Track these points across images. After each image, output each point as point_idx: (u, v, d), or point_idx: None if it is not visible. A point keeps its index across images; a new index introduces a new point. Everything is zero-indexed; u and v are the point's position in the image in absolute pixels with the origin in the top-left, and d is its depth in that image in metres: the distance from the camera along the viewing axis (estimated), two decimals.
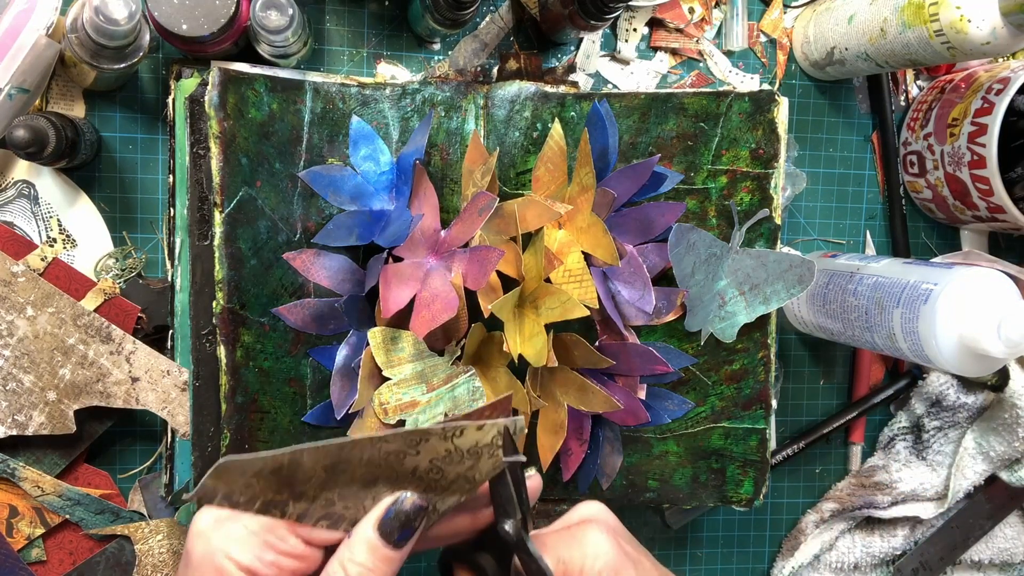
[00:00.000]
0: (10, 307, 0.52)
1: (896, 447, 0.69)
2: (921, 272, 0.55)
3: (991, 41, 0.51)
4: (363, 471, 0.35)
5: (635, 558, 0.40)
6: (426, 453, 0.35)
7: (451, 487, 0.36)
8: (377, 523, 0.35)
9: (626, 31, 0.63)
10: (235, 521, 0.34)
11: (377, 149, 0.54)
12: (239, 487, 0.33)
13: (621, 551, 0.39)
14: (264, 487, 0.34)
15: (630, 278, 0.56)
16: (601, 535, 0.39)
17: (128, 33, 0.48)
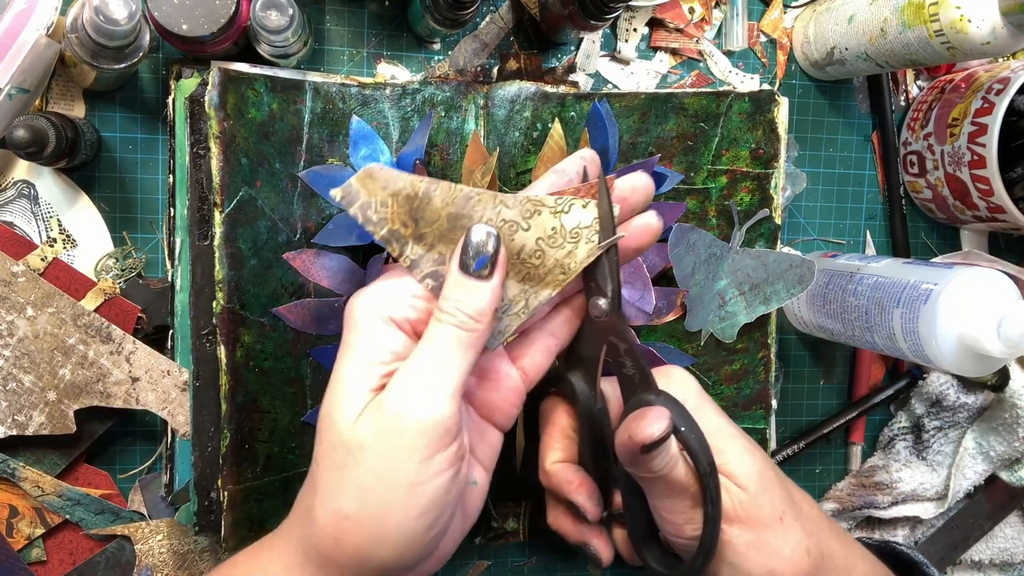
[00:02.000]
0: (10, 307, 0.52)
1: (896, 447, 0.69)
2: (921, 272, 0.55)
3: (991, 41, 0.51)
4: None
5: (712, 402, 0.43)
6: (535, 229, 0.37)
7: (547, 277, 0.38)
8: (457, 258, 0.37)
9: (626, 31, 0.63)
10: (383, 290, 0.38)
11: (377, 149, 0.54)
12: (377, 201, 0.36)
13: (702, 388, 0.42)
14: (396, 211, 0.36)
15: (630, 278, 0.56)
16: (685, 373, 0.43)
17: (128, 33, 0.48)
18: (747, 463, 0.39)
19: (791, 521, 0.39)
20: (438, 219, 0.36)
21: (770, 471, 0.40)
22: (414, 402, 0.35)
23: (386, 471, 0.34)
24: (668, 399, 0.39)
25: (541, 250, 0.37)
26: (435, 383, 0.35)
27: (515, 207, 0.36)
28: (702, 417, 0.40)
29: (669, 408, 0.38)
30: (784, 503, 0.40)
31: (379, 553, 0.35)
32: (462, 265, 0.37)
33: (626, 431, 0.37)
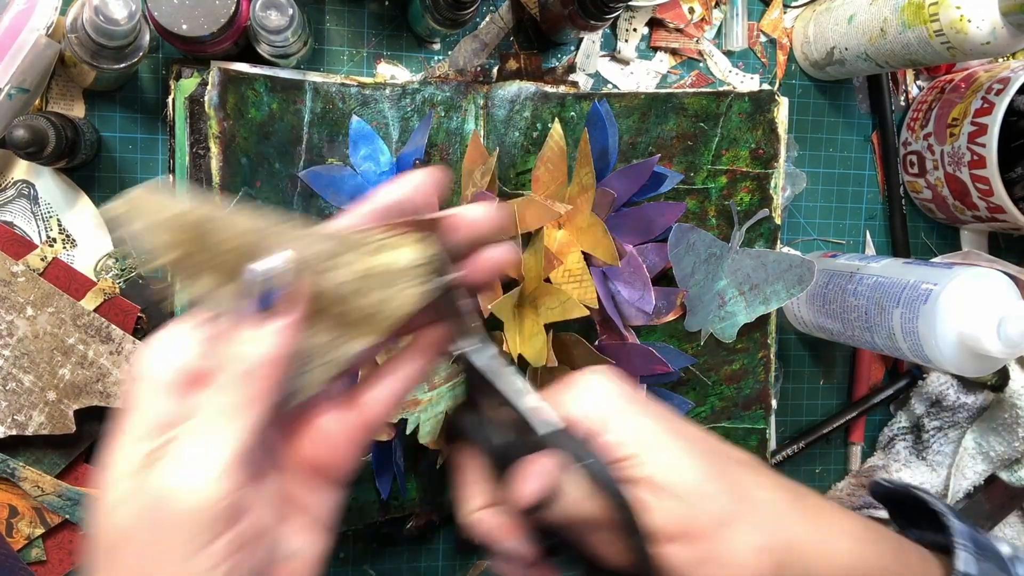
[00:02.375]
0: (10, 307, 0.52)
1: (896, 447, 0.69)
2: (921, 272, 0.55)
3: (991, 41, 0.51)
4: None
5: (641, 399, 0.36)
6: (353, 267, 0.31)
7: (367, 322, 0.32)
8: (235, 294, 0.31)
9: (626, 31, 0.63)
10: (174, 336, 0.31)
11: (377, 149, 0.54)
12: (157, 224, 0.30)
13: (622, 389, 0.36)
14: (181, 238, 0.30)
15: (630, 278, 0.56)
16: (598, 376, 0.36)
17: (128, 33, 0.48)
18: (681, 468, 0.34)
19: (739, 522, 0.35)
20: (231, 249, 0.30)
21: (710, 469, 0.35)
22: (175, 483, 0.28)
23: (145, 570, 0.28)
24: (557, 435, 0.34)
25: (359, 291, 0.32)
26: (202, 458, 0.29)
27: (329, 241, 0.31)
28: (622, 425, 0.35)
29: (559, 446, 0.33)
30: (729, 502, 0.35)
31: None
32: (242, 303, 0.30)
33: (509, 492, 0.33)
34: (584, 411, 0.35)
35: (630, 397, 0.36)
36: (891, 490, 0.45)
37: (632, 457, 0.34)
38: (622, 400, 0.36)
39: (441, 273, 0.32)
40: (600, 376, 0.36)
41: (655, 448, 0.34)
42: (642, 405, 0.36)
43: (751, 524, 0.35)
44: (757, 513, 0.35)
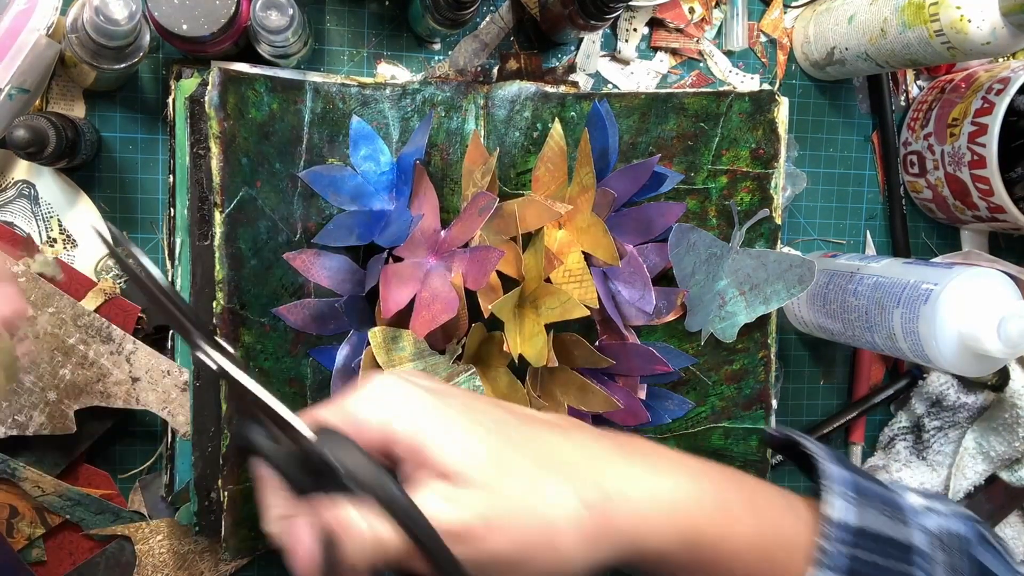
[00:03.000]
0: None
1: (896, 447, 0.69)
2: (921, 272, 0.55)
3: (991, 41, 0.51)
4: None
5: (439, 390, 0.34)
6: None
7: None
8: None
9: (626, 31, 0.63)
10: None
11: (377, 149, 0.54)
12: None
13: (418, 388, 0.33)
14: None
15: (630, 278, 0.56)
16: (388, 378, 0.33)
17: (128, 33, 0.48)
18: (467, 448, 0.31)
19: (547, 486, 0.32)
20: None
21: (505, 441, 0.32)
22: None
23: None
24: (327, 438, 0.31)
25: None
26: None
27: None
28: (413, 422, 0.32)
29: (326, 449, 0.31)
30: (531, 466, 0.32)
31: None
32: None
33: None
34: (368, 415, 0.32)
35: (415, 391, 0.33)
36: (779, 439, 0.43)
37: (420, 449, 0.31)
38: (407, 397, 0.33)
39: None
40: (385, 377, 0.34)
41: (441, 430, 0.32)
42: (430, 394, 0.33)
43: (561, 485, 0.32)
44: (564, 472, 0.33)
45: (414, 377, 0.35)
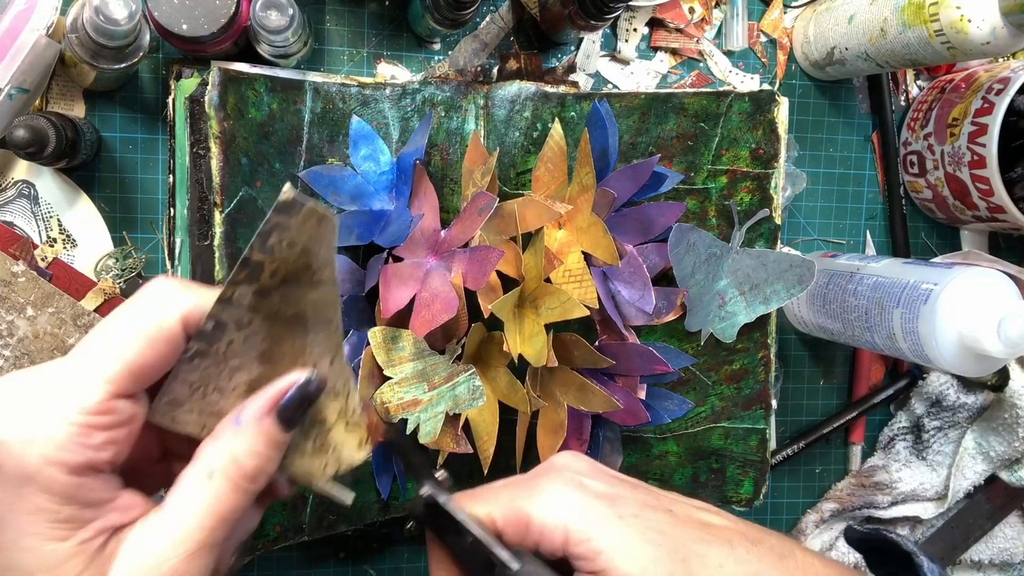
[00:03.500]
0: (10, 307, 0.52)
1: (896, 447, 0.69)
2: (921, 272, 0.55)
3: (991, 41, 0.51)
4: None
5: (611, 495, 0.36)
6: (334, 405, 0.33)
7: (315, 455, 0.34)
8: (273, 407, 0.31)
9: (626, 31, 0.63)
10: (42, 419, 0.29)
11: (377, 149, 0.54)
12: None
13: (589, 495, 0.35)
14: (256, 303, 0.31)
15: (630, 278, 0.56)
16: (562, 484, 0.36)
17: (128, 33, 0.48)
18: (633, 560, 0.34)
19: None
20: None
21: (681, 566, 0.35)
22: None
23: None
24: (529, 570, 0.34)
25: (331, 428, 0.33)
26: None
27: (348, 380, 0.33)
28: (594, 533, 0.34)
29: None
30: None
31: None
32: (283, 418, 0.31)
33: None
34: (544, 517, 0.35)
35: (594, 492, 0.36)
36: (864, 535, 0.45)
37: (603, 571, 0.34)
38: (586, 504, 0.35)
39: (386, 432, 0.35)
40: (561, 480, 0.36)
41: (623, 557, 0.34)
42: (604, 503, 0.36)
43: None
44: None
45: (587, 479, 0.37)
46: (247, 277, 0.30)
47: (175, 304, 0.30)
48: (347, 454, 0.34)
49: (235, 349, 0.31)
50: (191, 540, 0.30)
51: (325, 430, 0.34)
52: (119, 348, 0.29)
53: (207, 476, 0.30)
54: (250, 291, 0.30)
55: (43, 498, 0.28)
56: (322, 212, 0.30)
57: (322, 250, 0.31)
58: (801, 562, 0.38)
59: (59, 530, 0.29)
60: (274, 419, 0.31)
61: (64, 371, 0.29)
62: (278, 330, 0.32)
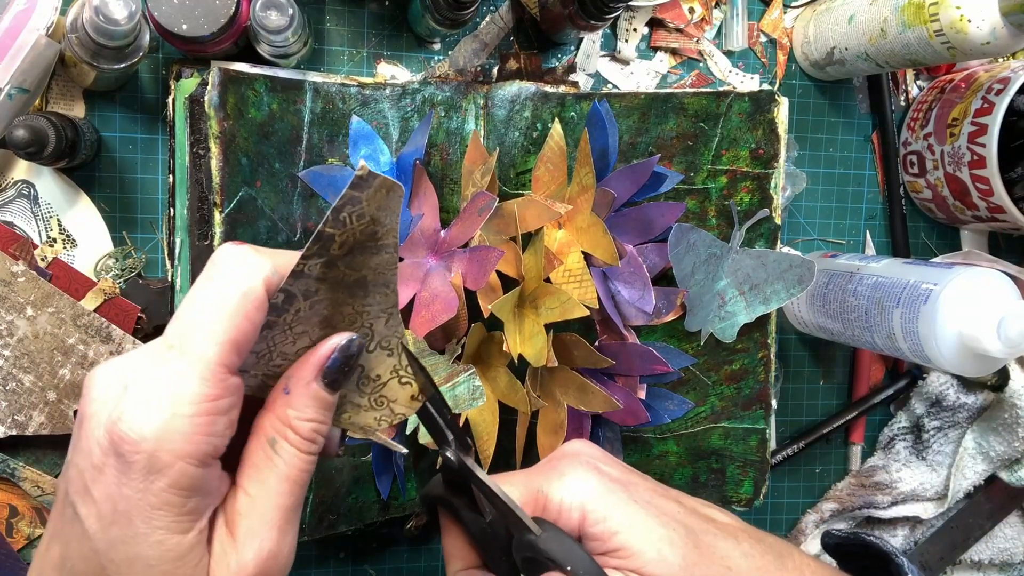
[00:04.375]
0: (10, 307, 0.52)
1: (896, 447, 0.69)
2: (921, 272, 0.55)
3: (991, 41, 0.51)
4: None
5: (624, 480, 0.38)
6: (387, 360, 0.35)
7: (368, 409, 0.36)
8: (320, 372, 0.32)
9: (626, 31, 0.63)
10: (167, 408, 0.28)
11: (377, 149, 0.54)
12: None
13: (605, 478, 0.37)
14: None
15: (630, 278, 0.56)
16: (581, 467, 0.37)
17: (128, 33, 0.48)
18: (665, 557, 0.35)
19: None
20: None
21: (694, 551, 0.36)
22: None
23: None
24: (551, 535, 0.35)
25: (381, 383, 0.35)
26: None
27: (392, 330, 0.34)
28: (610, 514, 0.36)
29: (551, 547, 0.34)
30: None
31: None
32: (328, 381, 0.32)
33: None
34: (562, 496, 0.36)
35: (615, 479, 0.37)
36: (841, 539, 0.46)
37: (620, 549, 0.35)
38: (606, 487, 0.37)
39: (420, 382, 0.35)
40: (578, 464, 0.38)
41: (642, 534, 0.35)
42: (627, 487, 0.37)
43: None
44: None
45: (602, 465, 0.38)
46: (318, 251, 0.31)
47: (257, 270, 0.30)
48: (400, 407, 0.35)
49: (300, 317, 0.32)
50: (276, 511, 0.31)
51: (380, 385, 0.35)
52: (219, 325, 0.29)
53: (270, 447, 0.31)
54: (319, 263, 0.31)
55: (172, 492, 0.28)
56: (392, 182, 0.31)
57: (388, 218, 0.32)
58: (798, 563, 0.39)
59: (184, 522, 0.29)
60: (320, 383, 0.32)
61: (172, 359, 0.29)
62: (341, 296, 0.33)
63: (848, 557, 0.46)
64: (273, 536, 0.31)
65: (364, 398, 0.35)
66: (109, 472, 0.28)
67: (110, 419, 0.28)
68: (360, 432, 0.35)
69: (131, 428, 0.28)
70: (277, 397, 0.32)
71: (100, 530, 0.29)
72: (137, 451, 0.28)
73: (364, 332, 0.34)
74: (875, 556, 0.43)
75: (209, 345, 0.29)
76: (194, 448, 0.28)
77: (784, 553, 0.39)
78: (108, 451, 0.28)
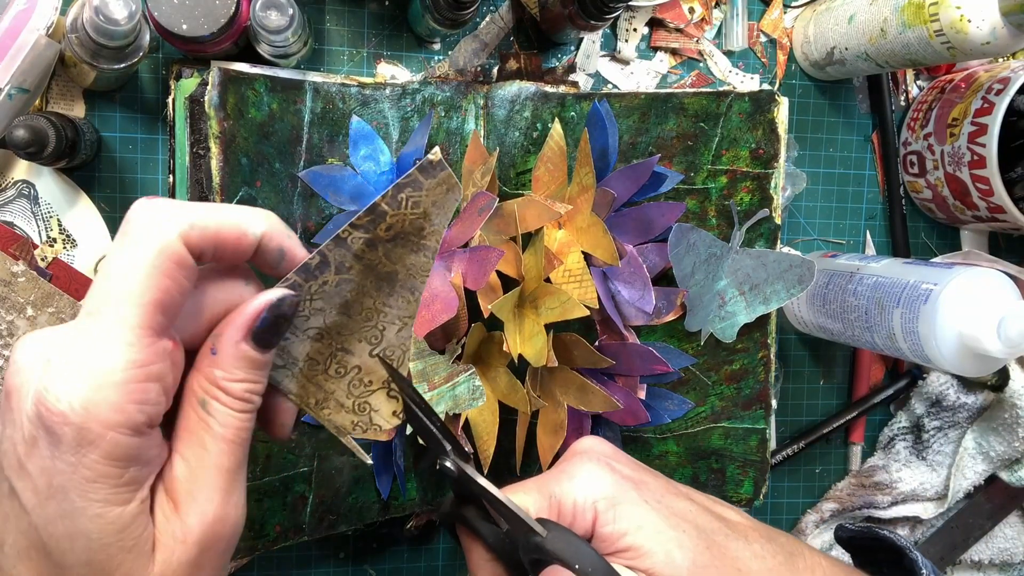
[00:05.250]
0: (10, 307, 0.52)
1: (896, 447, 0.69)
2: (921, 272, 0.55)
3: (991, 41, 0.51)
4: None
5: (636, 479, 0.37)
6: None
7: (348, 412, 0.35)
8: (248, 332, 0.30)
9: (626, 31, 0.63)
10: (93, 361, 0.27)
11: (377, 149, 0.54)
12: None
13: (617, 476, 0.37)
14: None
15: (630, 278, 0.56)
16: (592, 464, 0.37)
17: (128, 33, 0.48)
18: (673, 559, 0.35)
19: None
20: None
21: (704, 552, 0.35)
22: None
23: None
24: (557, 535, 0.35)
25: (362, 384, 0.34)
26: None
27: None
28: (621, 514, 0.35)
29: (558, 547, 0.34)
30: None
31: None
32: (258, 340, 0.31)
33: None
34: (575, 497, 0.36)
35: (627, 477, 0.37)
36: (855, 533, 0.46)
37: (630, 550, 0.35)
38: (617, 486, 0.36)
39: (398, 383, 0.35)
40: (589, 461, 0.37)
41: (652, 537, 0.35)
42: (639, 486, 0.37)
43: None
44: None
45: (614, 462, 0.38)
46: (367, 224, 0.31)
47: (173, 223, 0.29)
48: (379, 420, 0.35)
49: (325, 291, 0.32)
50: (216, 473, 0.30)
51: (368, 391, 0.34)
52: (137, 288, 0.28)
53: (202, 408, 0.30)
54: (363, 238, 0.31)
55: (106, 463, 0.27)
56: (455, 182, 0.31)
57: (438, 217, 0.32)
58: (810, 561, 0.38)
59: (122, 493, 0.28)
60: (249, 342, 0.30)
61: (92, 327, 0.28)
62: (368, 284, 0.33)
63: (861, 551, 0.45)
64: (216, 499, 0.30)
65: (350, 400, 0.34)
66: (41, 446, 0.27)
67: (36, 391, 0.27)
68: (334, 430, 0.35)
69: (57, 400, 0.27)
70: (203, 357, 0.31)
71: (37, 505, 0.28)
72: (65, 423, 0.27)
73: (374, 334, 0.34)
74: (889, 550, 0.42)
75: (129, 308, 0.27)
76: (125, 418, 0.27)
77: (795, 552, 0.38)
78: (37, 424, 0.27)
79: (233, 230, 0.30)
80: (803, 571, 0.38)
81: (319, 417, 0.34)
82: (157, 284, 0.28)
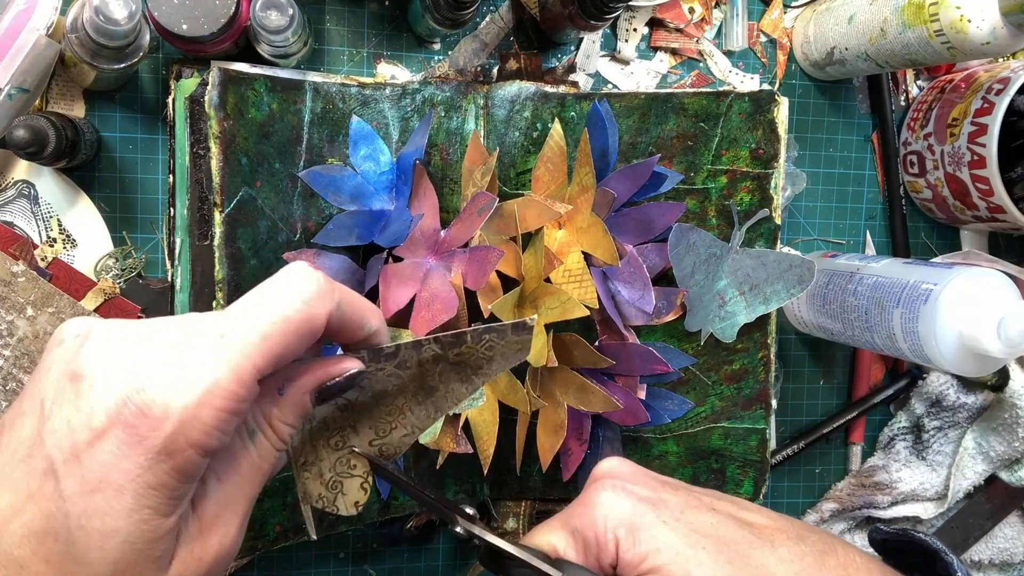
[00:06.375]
0: (10, 307, 0.52)
1: (896, 447, 0.69)
2: (921, 272, 0.55)
3: (991, 41, 0.51)
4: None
5: (655, 499, 0.37)
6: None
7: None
8: (319, 387, 0.33)
9: (626, 31, 0.63)
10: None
11: (377, 149, 0.54)
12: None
13: (634, 499, 0.37)
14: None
15: (630, 278, 0.56)
16: (608, 492, 0.37)
17: (128, 33, 0.48)
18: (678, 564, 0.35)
19: None
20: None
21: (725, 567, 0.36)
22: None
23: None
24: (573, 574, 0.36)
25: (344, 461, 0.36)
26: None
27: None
28: (639, 539, 0.36)
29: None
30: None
31: None
32: (321, 398, 0.33)
33: None
34: (595, 529, 0.36)
35: (647, 501, 0.37)
36: (889, 535, 0.46)
37: (651, 572, 0.35)
38: (636, 513, 0.37)
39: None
40: (609, 492, 0.38)
41: (673, 559, 0.35)
42: (650, 506, 0.37)
43: None
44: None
45: (630, 484, 0.38)
46: (447, 343, 0.33)
47: (327, 300, 0.31)
48: (341, 503, 0.37)
49: (376, 376, 0.34)
50: (243, 501, 0.32)
51: (348, 475, 0.36)
52: (274, 335, 0.29)
53: (248, 437, 0.32)
54: (435, 352, 0.34)
55: (172, 475, 0.28)
56: (529, 347, 0.34)
57: (499, 366, 0.34)
58: (843, 559, 0.38)
59: (169, 506, 0.29)
60: (314, 396, 0.33)
61: (213, 347, 0.29)
62: (411, 387, 0.35)
63: (895, 554, 0.45)
64: (237, 525, 0.31)
65: (330, 474, 0.36)
66: (110, 441, 0.27)
67: (127, 389, 0.28)
68: (301, 494, 0.36)
69: (154, 403, 0.27)
70: (267, 393, 0.32)
71: (80, 495, 0.28)
72: (155, 429, 0.27)
73: (385, 428, 0.36)
74: (922, 553, 0.42)
75: (258, 349, 0.29)
76: (207, 440, 0.28)
77: (827, 550, 0.38)
78: (116, 420, 0.27)
79: (359, 320, 0.33)
80: (834, 568, 0.38)
81: (297, 476, 0.36)
82: (288, 341, 0.30)
